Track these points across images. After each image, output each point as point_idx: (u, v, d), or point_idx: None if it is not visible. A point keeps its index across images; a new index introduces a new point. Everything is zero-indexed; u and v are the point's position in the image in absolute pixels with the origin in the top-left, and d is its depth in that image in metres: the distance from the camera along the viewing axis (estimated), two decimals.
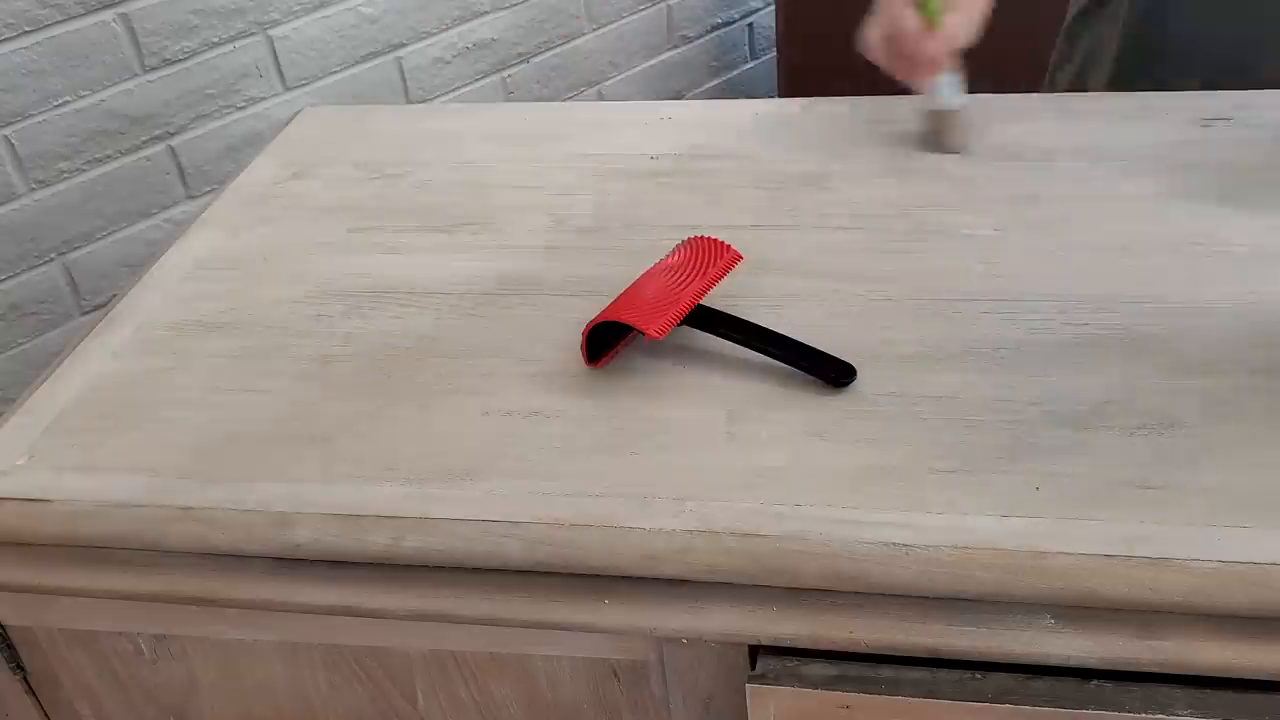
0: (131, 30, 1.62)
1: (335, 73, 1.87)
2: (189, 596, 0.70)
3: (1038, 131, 0.95)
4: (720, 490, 0.64)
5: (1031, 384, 0.69)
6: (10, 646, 0.76)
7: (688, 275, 0.77)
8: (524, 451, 0.69)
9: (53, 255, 1.66)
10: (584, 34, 2.17)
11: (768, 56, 2.49)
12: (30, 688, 0.78)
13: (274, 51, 1.78)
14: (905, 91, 1.24)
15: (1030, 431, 0.66)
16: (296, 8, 1.78)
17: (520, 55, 2.10)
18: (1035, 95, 1.06)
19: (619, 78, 2.25)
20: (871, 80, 1.27)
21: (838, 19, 2.20)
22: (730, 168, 0.95)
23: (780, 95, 2.38)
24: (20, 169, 1.59)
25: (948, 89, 0.94)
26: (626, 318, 0.73)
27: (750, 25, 2.45)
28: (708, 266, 0.78)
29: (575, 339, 0.76)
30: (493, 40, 2.05)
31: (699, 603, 0.63)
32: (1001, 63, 1.12)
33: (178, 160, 1.73)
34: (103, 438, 0.74)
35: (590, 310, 0.78)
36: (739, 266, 0.80)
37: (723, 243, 0.79)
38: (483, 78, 2.07)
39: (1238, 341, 0.71)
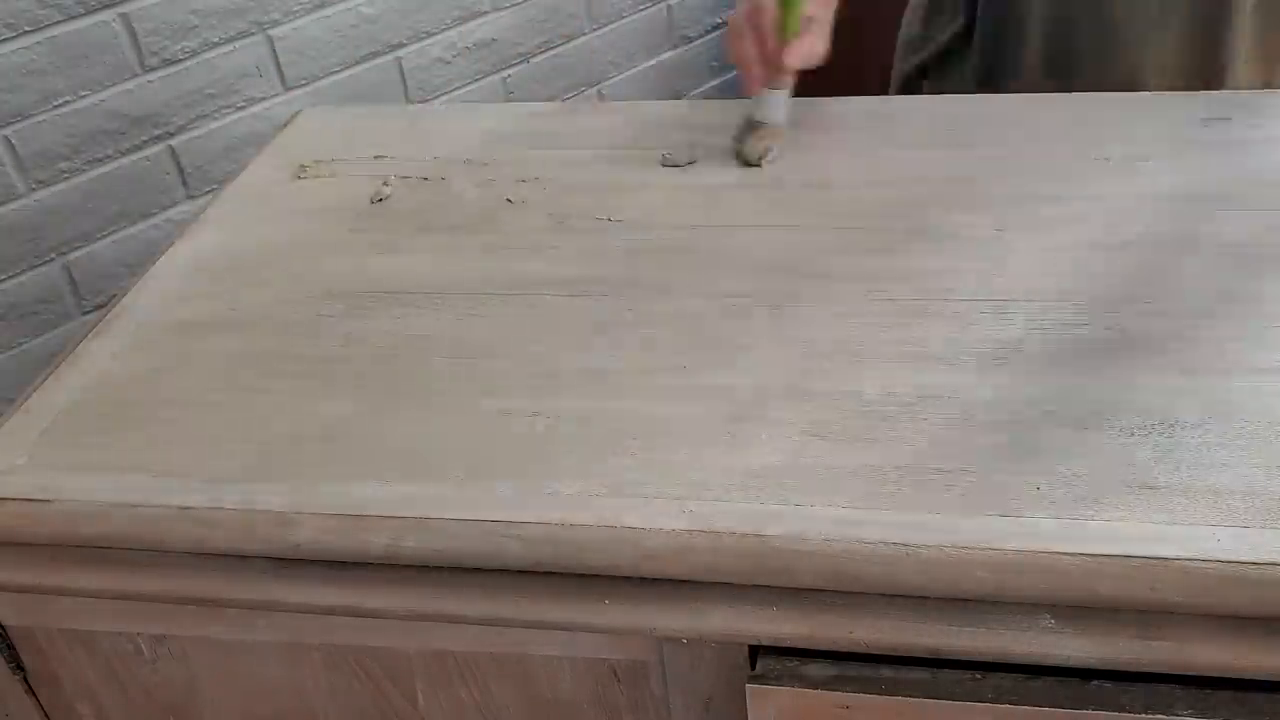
0: (131, 30, 1.62)
1: (335, 73, 1.87)
2: (189, 596, 0.70)
3: (1036, 132, 0.95)
4: (720, 490, 0.64)
5: (1031, 384, 0.69)
6: (10, 646, 0.76)
7: None
8: (524, 451, 0.69)
9: (53, 255, 1.66)
10: (584, 34, 2.17)
11: None
12: (30, 688, 0.78)
13: (274, 51, 1.78)
14: (904, 91, 1.24)
15: (1030, 431, 0.66)
16: (296, 8, 1.78)
17: (520, 55, 2.10)
18: (1034, 96, 1.06)
19: (619, 78, 2.25)
20: (871, 80, 1.27)
21: (837, 19, 2.20)
22: (730, 167, 0.95)
23: None
24: (20, 169, 1.59)
25: (773, 105, 0.97)
26: None
27: None
28: None
29: (575, 339, 0.76)
30: (493, 40, 2.05)
31: (699, 603, 0.63)
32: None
33: (178, 160, 1.73)
34: (102, 438, 0.73)
35: (590, 310, 0.78)
36: (742, 266, 0.80)
37: None
38: (483, 78, 2.07)
39: (1238, 341, 0.71)
